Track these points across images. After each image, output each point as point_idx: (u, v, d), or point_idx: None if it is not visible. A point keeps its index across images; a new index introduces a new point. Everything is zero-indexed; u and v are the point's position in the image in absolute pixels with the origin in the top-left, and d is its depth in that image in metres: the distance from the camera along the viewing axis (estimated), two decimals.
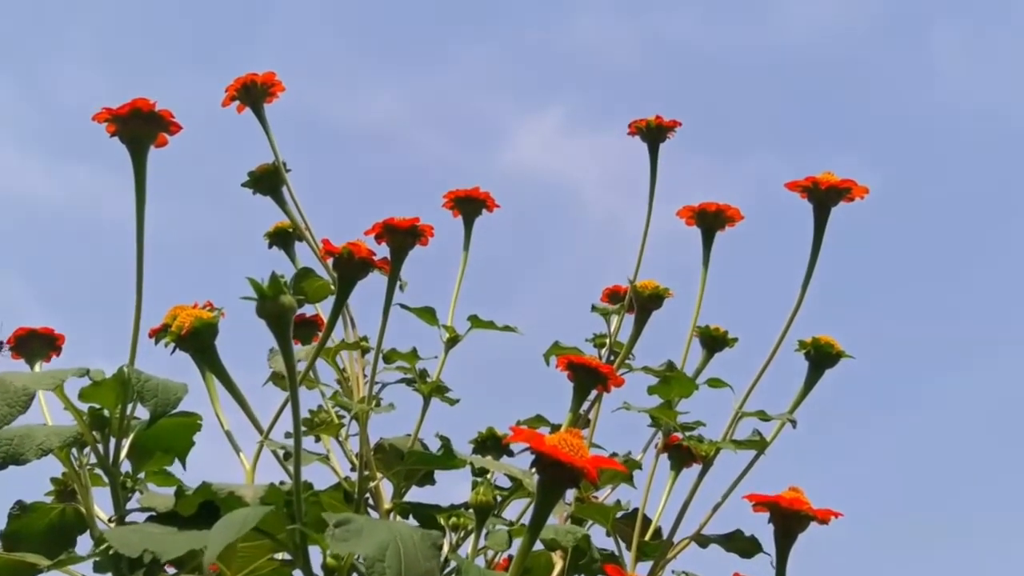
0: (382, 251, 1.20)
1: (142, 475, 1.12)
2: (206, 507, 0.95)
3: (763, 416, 1.28)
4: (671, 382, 1.33)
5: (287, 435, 1.35)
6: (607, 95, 3.44)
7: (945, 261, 3.27)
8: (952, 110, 3.59)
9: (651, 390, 1.34)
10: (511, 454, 1.45)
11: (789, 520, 0.97)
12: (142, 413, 1.05)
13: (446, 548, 1.21)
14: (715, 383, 1.36)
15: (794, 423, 1.27)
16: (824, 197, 1.30)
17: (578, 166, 3.42)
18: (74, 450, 1.08)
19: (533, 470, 1.08)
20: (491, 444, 1.45)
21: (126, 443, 1.05)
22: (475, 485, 1.08)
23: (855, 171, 1.30)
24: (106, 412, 1.04)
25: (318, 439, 1.40)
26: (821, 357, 1.29)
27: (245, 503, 0.92)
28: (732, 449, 1.28)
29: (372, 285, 1.19)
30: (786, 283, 1.33)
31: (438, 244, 1.26)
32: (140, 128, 1.05)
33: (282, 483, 1.11)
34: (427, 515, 1.24)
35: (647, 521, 1.32)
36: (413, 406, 1.36)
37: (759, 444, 1.28)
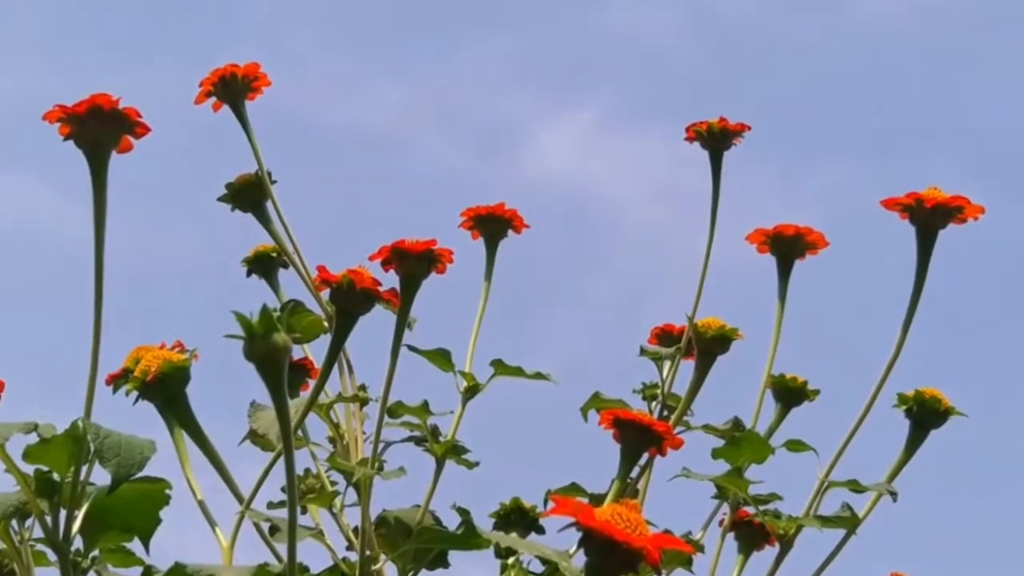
0: (388, 280, 1.20)
1: (96, 553, 1.12)
2: None
3: (855, 487, 1.27)
4: (741, 444, 1.32)
5: (271, 505, 1.36)
6: (648, 91, 3.44)
7: None
8: None
9: (716, 453, 1.33)
10: (540, 531, 1.44)
11: None
12: (99, 477, 1.05)
13: None
14: (795, 446, 1.35)
15: (894, 495, 1.26)
16: (929, 218, 1.29)
17: (614, 175, 3.41)
18: (14, 522, 1.07)
19: (572, 551, 1.07)
20: (516, 518, 1.44)
21: (79, 514, 1.04)
22: (504, 568, 1.07)
23: (954, 183, 1.29)
24: (56, 476, 1.03)
25: (305, 510, 1.39)
26: (926, 415, 1.29)
27: None
28: (817, 527, 1.26)
29: (369, 322, 1.18)
30: (878, 322, 1.33)
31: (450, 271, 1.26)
32: (101, 130, 1.04)
33: (265, 564, 1.10)
34: None
35: None
36: (422, 470, 1.35)
37: (850, 521, 1.27)
